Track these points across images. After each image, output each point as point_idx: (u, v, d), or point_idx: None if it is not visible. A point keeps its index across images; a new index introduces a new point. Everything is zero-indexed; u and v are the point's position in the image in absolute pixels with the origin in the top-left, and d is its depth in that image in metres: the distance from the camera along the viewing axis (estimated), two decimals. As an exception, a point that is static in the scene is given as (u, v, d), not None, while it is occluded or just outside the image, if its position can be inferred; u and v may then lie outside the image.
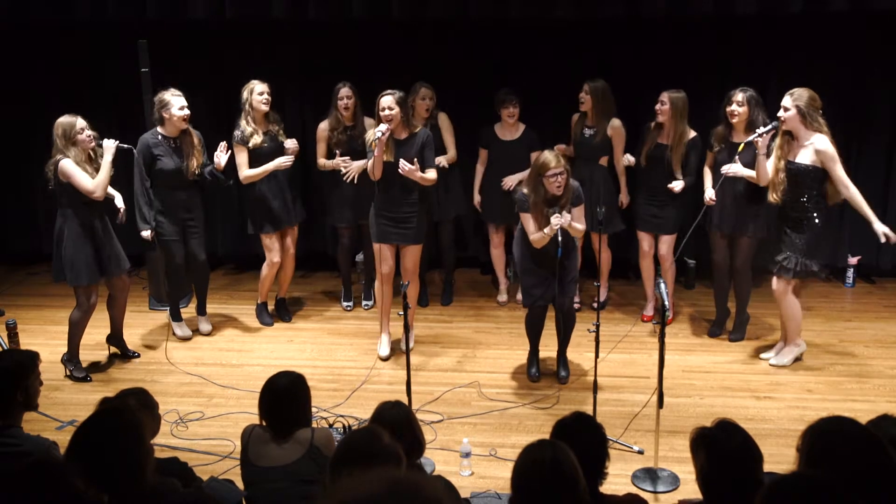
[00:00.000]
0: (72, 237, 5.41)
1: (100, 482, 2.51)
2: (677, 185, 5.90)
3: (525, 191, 5.18)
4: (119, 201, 5.69)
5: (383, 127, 5.42)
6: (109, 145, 5.44)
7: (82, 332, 5.68)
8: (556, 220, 4.99)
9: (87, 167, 5.37)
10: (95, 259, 5.48)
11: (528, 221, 5.19)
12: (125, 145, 5.62)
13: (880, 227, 5.25)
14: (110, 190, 5.63)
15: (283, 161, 6.12)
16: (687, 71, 6.69)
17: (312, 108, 6.89)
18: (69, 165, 5.30)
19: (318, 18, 6.47)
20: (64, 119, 5.37)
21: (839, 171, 5.21)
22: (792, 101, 5.20)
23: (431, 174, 5.63)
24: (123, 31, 6.76)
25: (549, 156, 5.05)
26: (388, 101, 5.47)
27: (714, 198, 5.69)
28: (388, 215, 5.66)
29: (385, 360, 5.90)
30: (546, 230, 5.07)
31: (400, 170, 5.44)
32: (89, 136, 5.40)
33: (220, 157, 5.90)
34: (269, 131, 6.17)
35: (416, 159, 5.50)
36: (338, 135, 6.33)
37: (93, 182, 5.33)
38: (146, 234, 5.88)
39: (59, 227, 5.45)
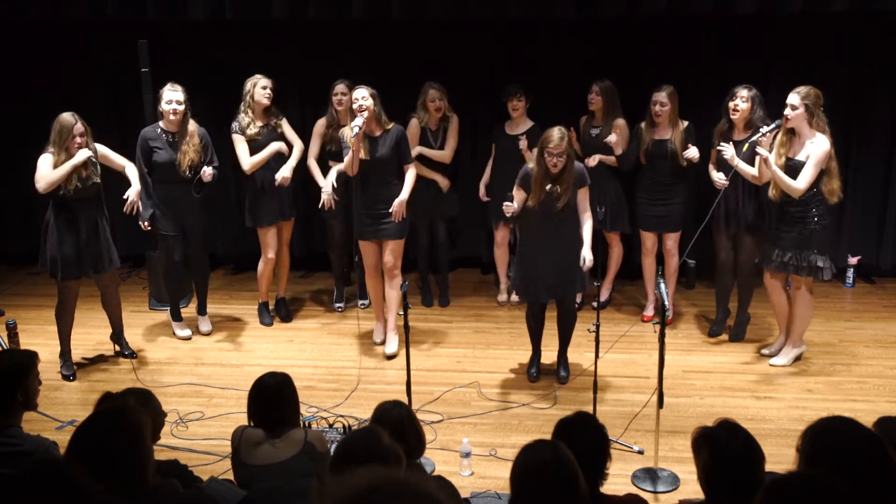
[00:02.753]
0: (54, 231, 5.44)
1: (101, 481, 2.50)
2: (691, 152, 5.89)
3: (531, 164, 5.21)
4: (132, 191, 5.66)
5: (359, 121, 5.43)
6: (81, 154, 5.35)
7: (67, 326, 5.70)
8: (506, 208, 5.15)
9: (81, 170, 5.37)
10: (76, 255, 5.48)
11: (517, 194, 5.22)
12: (95, 160, 5.45)
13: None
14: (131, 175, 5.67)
15: (281, 144, 6.16)
16: (687, 71, 6.68)
17: (312, 108, 6.89)
18: (40, 159, 5.33)
19: (318, 18, 6.47)
20: (64, 118, 5.35)
21: (809, 171, 5.18)
22: (800, 100, 5.19)
23: (412, 173, 5.75)
24: (123, 31, 6.76)
25: (553, 132, 5.06)
26: (360, 93, 5.52)
27: (725, 180, 5.63)
28: (368, 212, 5.71)
29: (380, 344, 6.00)
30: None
31: (392, 211, 5.62)
32: (78, 144, 5.36)
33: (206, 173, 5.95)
34: (267, 124, 6.17)
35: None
36: (331, 132, 6.35)
37: (39, 175, 5.32)
38: (144, 224, 5.92)
39: (46, 219, 5.49)
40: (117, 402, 3.20)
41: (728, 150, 5.49)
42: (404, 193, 5.68)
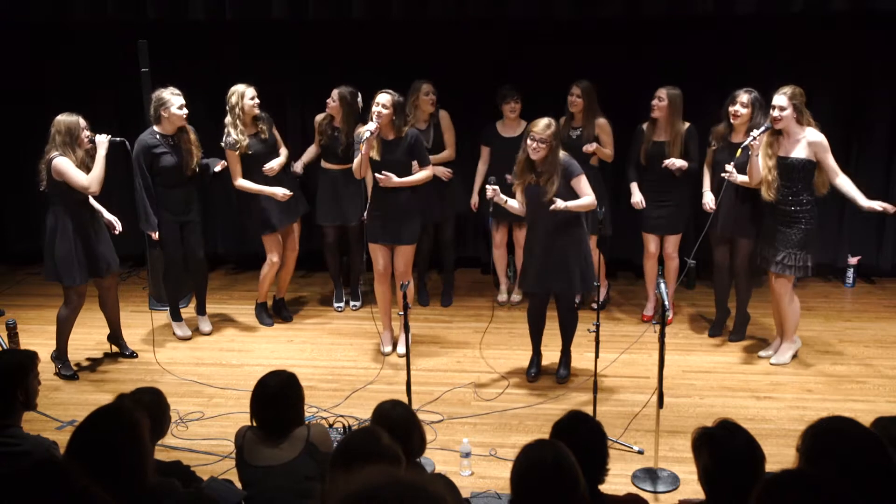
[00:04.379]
0: (65, 236, 5.41)
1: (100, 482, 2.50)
2: (677, 162, 5.87)
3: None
4: (107, 215, 5.69)
5: (371, 125, 5.42)
6: (102, 140, 5.42)
7: (70, 329, 5.70)
8: (489, 190, 5.20)
9: (85, 167, 5.38)
10: (86, 258, 5.49)
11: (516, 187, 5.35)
12: (117, 138, 5.57)
13: (867, 203, 5.27)
14: (95, 204, 5.63)
15: (277, 193, 6.08)
16: (687, 71, 6.68)
17: (312, 108, 6.88)
18: (63, 163, 5.29)
19: (318, 18, 6.47)
20: (67, 118, 5.34)
21: (831, 160, 5.28)
22: (788, 100, 5.23)
23: (426, 172, 5.67)
24: (123, 31, 6.76)
25: (541, 120, 5.07)
26: (385, 98, 5.47)
27: (713, 206, 5.71)
28: (381, 215, 5.68)
29: (387, 355, 5.92)
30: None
31: (378, 179, 5.47)
32: (87, 136, 5.40)
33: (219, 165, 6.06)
34: (255, 133, 6.13)
35: (414, 162, 5.62)
36: (324, 125, 6.47)
37: (87, 178, 5.32)
38: (155, 235, 5.90)
39: (52, 227, 5.45)
40: (116, 403, 3.20)
41: (733, 173, 5.53)
42: (406, 179, 5.54)
